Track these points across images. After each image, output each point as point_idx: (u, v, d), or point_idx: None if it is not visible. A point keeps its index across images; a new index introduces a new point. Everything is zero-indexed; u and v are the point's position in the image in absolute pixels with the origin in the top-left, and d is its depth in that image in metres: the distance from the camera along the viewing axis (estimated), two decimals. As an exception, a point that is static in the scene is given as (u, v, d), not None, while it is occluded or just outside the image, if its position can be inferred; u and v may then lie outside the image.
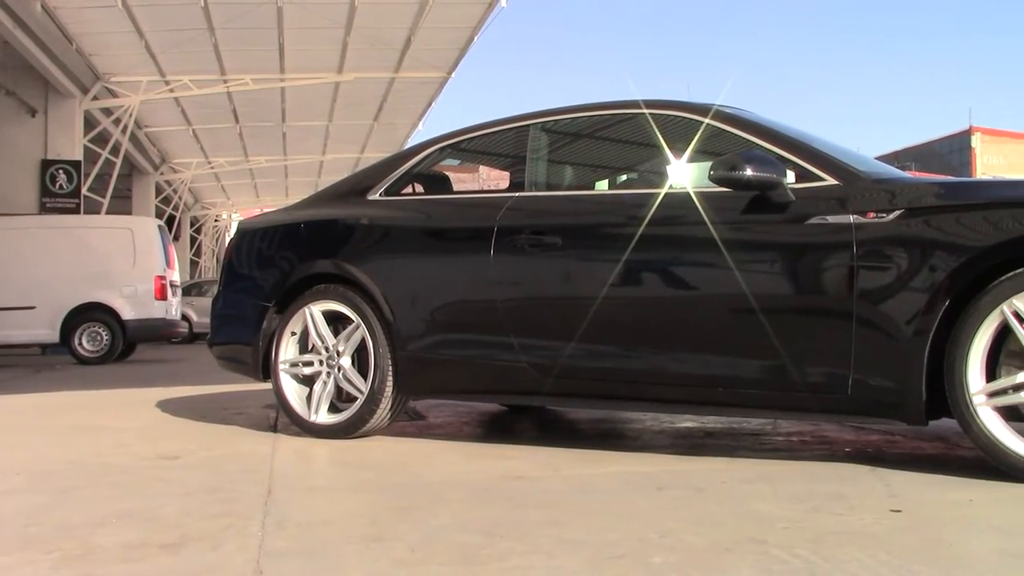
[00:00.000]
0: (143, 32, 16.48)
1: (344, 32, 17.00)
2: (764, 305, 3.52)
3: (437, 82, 20.70)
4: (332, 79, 19.59)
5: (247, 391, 6.81)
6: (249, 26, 16.32)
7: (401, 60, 18.82)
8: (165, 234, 14.34)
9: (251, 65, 18.69)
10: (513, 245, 4.07)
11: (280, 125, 24.03)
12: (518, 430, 5.00)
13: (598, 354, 3.87)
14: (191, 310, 19.90)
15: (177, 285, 14.57)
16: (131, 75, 18.75)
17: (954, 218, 3.29)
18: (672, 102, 4.12)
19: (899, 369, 3.28)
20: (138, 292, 13.37)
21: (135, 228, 13.95)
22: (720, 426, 4.76)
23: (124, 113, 20.01)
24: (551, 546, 2.40)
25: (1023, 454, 3.09)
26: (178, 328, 14.66)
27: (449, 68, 19.67)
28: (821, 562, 2.21)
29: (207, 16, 15.81)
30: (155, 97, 19.78)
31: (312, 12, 15.84)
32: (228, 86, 19.48)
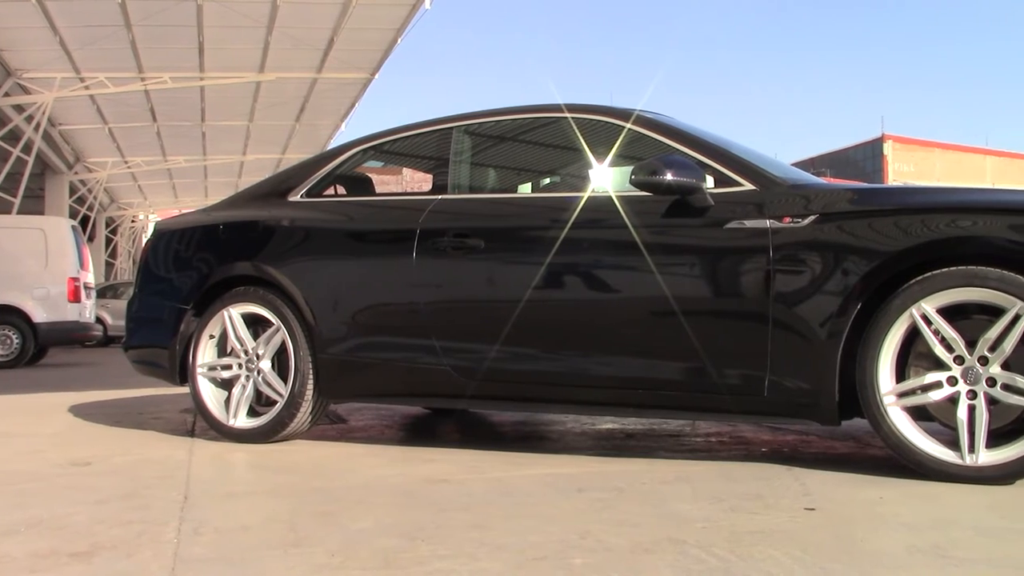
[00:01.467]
0: (57, 28, 16.05)
1: (266, 31, 16.79)
2: (683, 308, 3.57)
3: (360, 83, 20.56)
4: (253, 78, 19.32)
5: (164, 395, 6.68)
6: (168, 23, 15.99)
7: (324, 60, 18.65)
8: (79, 235, 13.97)
9: (169, 63, 18.31)
10: (436, 248, 4.06)
11: (199, 124, 23.60)
12: (441, 433, 4.99)
13: (521, 356, 3.88)
14: (106, 313, 19.41)
15: (91, 287, 14.20)
16: (45, 71, 18.23)
17: (866, 223, 3.38)
18: (594, 106, 4.16)
19: (813, 370, 3.36)
20: (50, 294, 13.00)
21: (47, 228, 13.55)
22: (640, 427, 4.81)
23: (37, 110, 19.46)
24: (473, 549, 2.40)
25: (931, 452, 3.19)
26: (92, 331, 14.27)
27: (373, 69, 19.55)
28: (738, 561, 2.25)
29: (124, 13, 15.46)
30: (70, 95, 19.27)
31: (233, 10, 15.60)
32: (146, 84, 19.07)
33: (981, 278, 3.15)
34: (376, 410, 5.73)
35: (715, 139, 3.94)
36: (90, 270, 14.14)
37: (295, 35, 16.94)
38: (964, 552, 2.31)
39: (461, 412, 5.54)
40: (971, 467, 3.13)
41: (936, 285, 3.20)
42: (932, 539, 2.43)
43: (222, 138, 25.32)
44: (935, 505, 2.87)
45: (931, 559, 2.26)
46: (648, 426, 4.85)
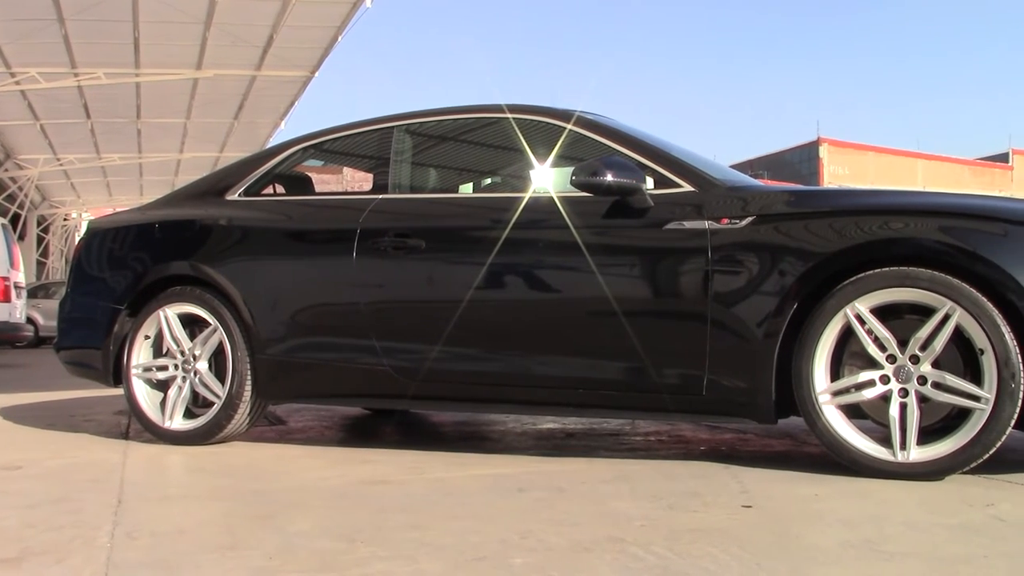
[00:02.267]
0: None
1: (203, 27, 16.53)
2: (623, 308, 3.60)
3: (300, 81, 20.34)
4: (190, 75, 19.01)
5: (97, 397, 6.54)
6: (102, 18, 15.65)
7: (263, 58, 18.41)
8: (9, 233, 13.62)
9: (104, 59, 17.92)
10: (376, 248, 4.04)
11: (135, 122, 23.16)
12: (381, 434, 4.96)
13: (462, 357, 3.88)
14: (37, 313, 18.97)
15: (22, 287, 13.85)
16: (-28, 66, 17.77)
17: (802, 225, 3.43)
18: (535, 107, 4.17)
19: (751, 370, 3.40)
20: (-21, 294, 12.66)
21: (-24, 227, 13.21)
22: (581, 427, 4.84)
23: (-36, 106, 18.95)
24: (413, 550, 2.39)
25: (864, 450, 3.26)
26: (23, 332, 13.93)
27: (312, 67, 19.36)
28: (676, 558, 2.27)
29: (57, 6, 15.10)
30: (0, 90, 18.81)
31: (169, 6, 15.33)
32: (79, 80, 18.65)
33: (912, 279, 3.22)
34: (316, 411, 5.68)
35: (655, 141, 3.98)
36: (21, 269, 13.79)
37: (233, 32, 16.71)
38: (895, 546, 2.36)
39: (402, 413, 5.52)
40: (903, 464, 3.20)
41: (869, 286, 3.27)
42: (865, 534, 2.48)
43: (158, 135, 24.88)
44: (868, 501, 2.93)
45: (863, 553, 2.30)
46: (588, 425, 4.88)
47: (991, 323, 3.11)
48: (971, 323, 3.15)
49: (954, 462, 3.16)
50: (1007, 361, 3.09)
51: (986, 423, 3.11)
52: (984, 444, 3.12)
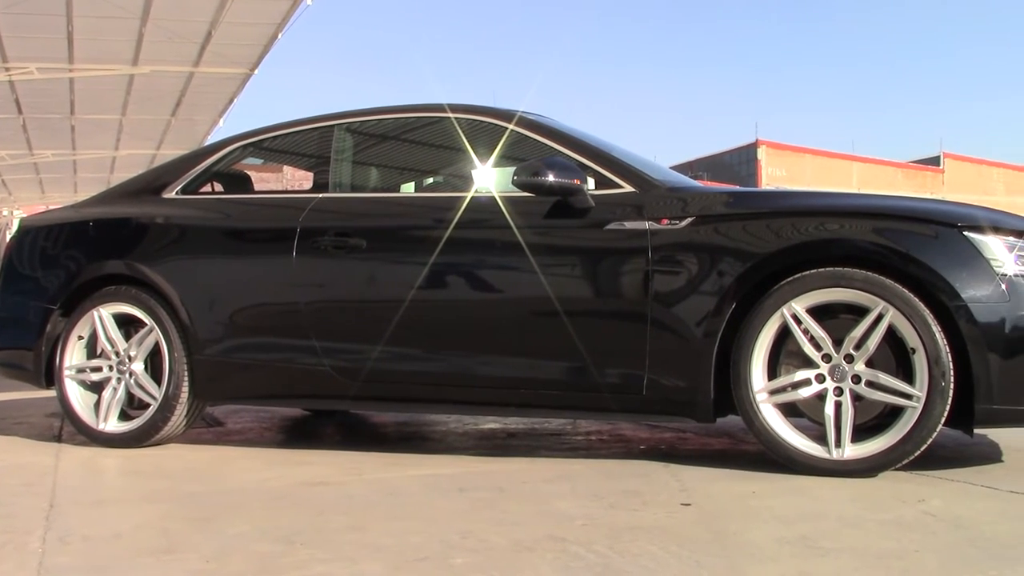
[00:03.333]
0: (-88, 13, 15.21)
1: (139, 23, 16.25)
2: (565, 308, 3.61)
3: (240, 78, 20.11)
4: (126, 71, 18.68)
5: (28, 399, 6.39)
6: (35, 11, 15.31)
7: (201, 54, 18.16)
8: (-64, 231, 13.26)
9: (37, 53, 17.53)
10: (316, 247, 4.01)
11: (68, 118, 22.69)
12: (321, 435, 4.92)
13: (403, 357, 3.86)
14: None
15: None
16: (-101, 59, 17.27)
17: (740, 226, 3.48)
18: (476, 107, 4.17)
19: (690, 369, 3.44)
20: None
21: (-99, 224, 12.83)
22: (522, 427, 4.84)
23: None
24: (353, 551, 2.38)
25: (800, 448, 3.31)
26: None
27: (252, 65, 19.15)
28: (616, 556, 2.28)
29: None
30: (-73, 83, 18.30)
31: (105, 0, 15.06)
32: (11, 74, 18.22)
33: (847, 279, 3.28)
34: (255, 412, 5.61)
35: (596, 141, 4.00)
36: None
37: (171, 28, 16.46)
38: (830, 542, 2.41)
39: (342, 413, 5.47)
40: (837, 461, 3.26)
41: (806, 286, 3.32)
42: (800, 530, 2.52)
43: (93, 132, 24.41)
44: (804, 498, 2.97)
45: (799, 550, 2.34)
46: (530, 425, 4.89)
47: (922, 323, 3.18)
48: (903, 323, 3.21)
49: (887, 459, 3.23)
50: (938, 360, 3.16)
51: (918, 421, 3.18)
52: (916, 441, 3.19)
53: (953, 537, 2.47)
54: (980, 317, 3.15)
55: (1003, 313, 3.16)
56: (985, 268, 3.20)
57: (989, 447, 3.96)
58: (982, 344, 3.15)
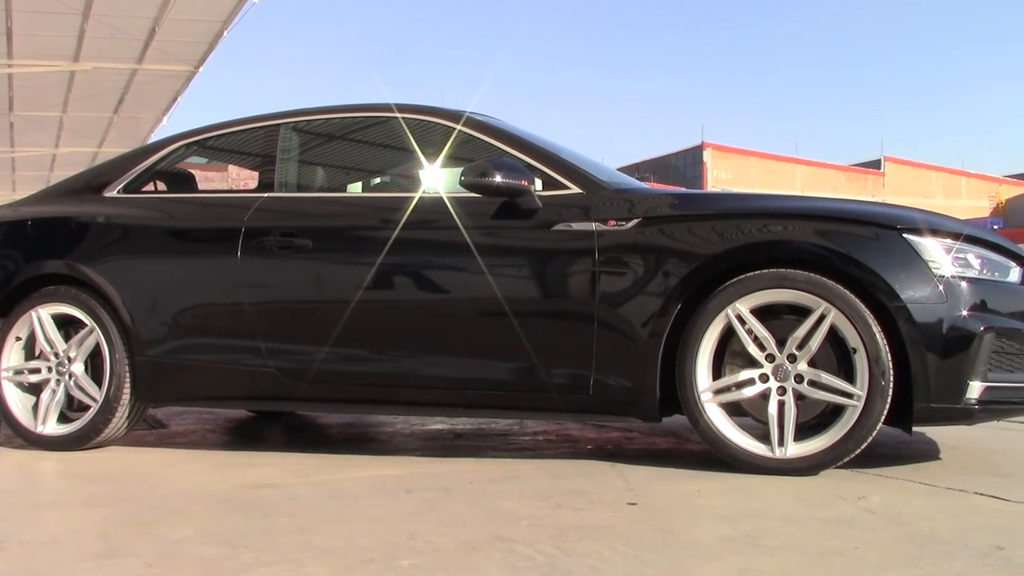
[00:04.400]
0: None
1: (81, 18, 15.97)
2: (512, 308, 3.61)
3: (184, 76, 19.85)
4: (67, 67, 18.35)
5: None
6: (-29, 6, 15.00)
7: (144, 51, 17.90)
8: None
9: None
10: (261, 247, 3.97)
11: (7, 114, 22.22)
12: (266, 437, 4.87)
13: (349, 358, 3.84)
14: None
15: None
16: None
17: (686, 227, 3.51)
18: (424, 107, 4.16)
19: (636, 369, 3.46)
20: None
21: None
22: (470, 427, 4.84)
23: None
24: (298, 554, 2.36)
25: (744, 446, 3.35)
26: None
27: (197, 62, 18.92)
28: (563, 556, 2.29)
29: (-79, -8, 14.41)
30: None
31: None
32: (-54, 70, 17.82)
33: (791, 280, 3.33)
34: (198, 414, 5.54)
35: (543, 143, 4.01)
36: None
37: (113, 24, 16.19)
38: (773, 540, 2.44)
39: (288, 415, 5.43)
40: (781, 459, 3.30)
41: (750, 287, 3.36)
42: (744, 528, 2.55)
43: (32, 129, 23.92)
44: (748, 496, 3.01)
45: (743, 547, 2.37)
46: (477, 426, 4.89)
47: (863, 323, 3.24)
48: (845, 323, 3.27)
49: (828, 457, 3.28)
50: (878, 359, 3.22)
51: (858, 419, 3.24)
52: (856, 439, 3.25)
53: (892, 533, 2.51)
54: (918, 317, 3.22)
55: (940, 314, 3.23)
56: (923, 270, 3.27)
57: (927, 445, 4.05)
58: (920, 344, 3.21)
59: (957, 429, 4.15)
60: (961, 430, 4.21)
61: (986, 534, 2.49)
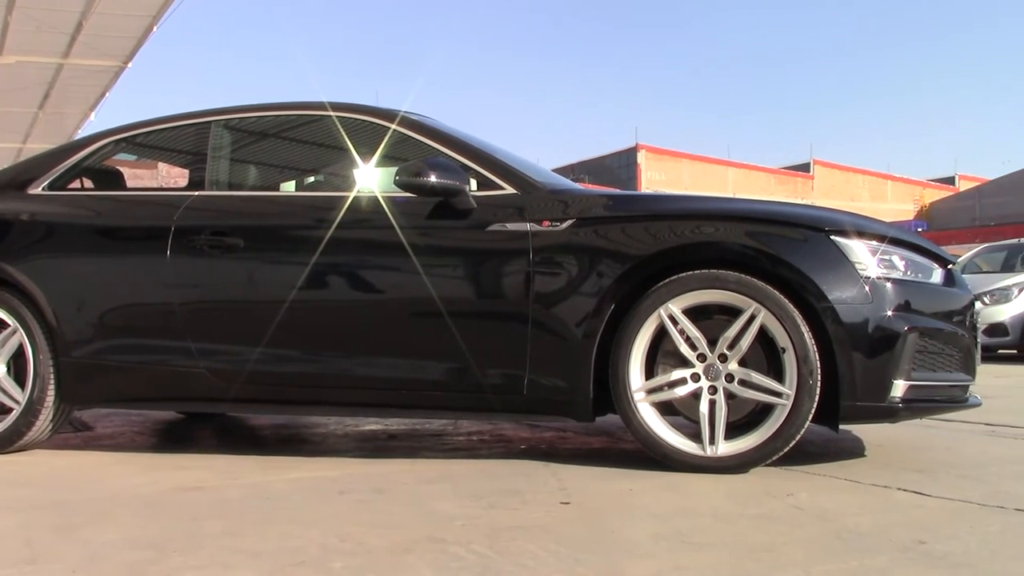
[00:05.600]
0: None
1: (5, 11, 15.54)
2: (447, 309, 3.61)
3: (112, 71, 19.42)
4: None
5: None
6: None
7: (71, 45, 17.48)
8: None
9: None
10: (192, 246, 3.91)
11: (-73, 109, 21.56)
12: (196, 439, 4.79)
13: (282, 358, 3.80)
14: None
15: None
16: None
17: (620, 228, 3.54)
18: (358, 106, 4.13)
19: (570, 369, 3.48)
20: None
21: None
22: (403, 428, 4.82)
23: None
24: (227, 558, 2.32)
25: (676, 445, 3.39)
26: None
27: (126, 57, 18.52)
28: (496, 556, 2.29)
29: None
30: None
31: (-34, -14, 14.37)
32: None
33: (722, 281, 3.38)
34: (126, 416, 5.43)
35: (478, 143, 4.01)
36: None
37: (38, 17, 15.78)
38: (703, 537, 2.47)
39: (218, 416, 5.35)
40: (711, 458, 3.35)
41: (682, 287, 3.41)
42: (676, 526, 2.58)
43: (-47, 124, 23.25)
44: (679, 494, 3.05)
45: (674, 544, 2.40)
46: (411, 426, 4.87)
47: (792, 323, 3.30)
48: (774, 323, 3.33)
49: (758, 455, 3.33)
50: (806, 359, 3.28)
51: (787, 418, 3.30)
52: (785, 437, 3.31)
53: (818, 529, 2.56)
54: (845, 318, 3.28)
55: (866, 314, 3.30)
56: (850, 271, 3.34)
57: (853, 442, 4.14)
58: (847, 344, 3.28)
59: (881, 427, 4.25)
60: (885, 428, 4.31)
61: (908, 529, 2.55)
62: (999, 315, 11.85)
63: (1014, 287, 12.14)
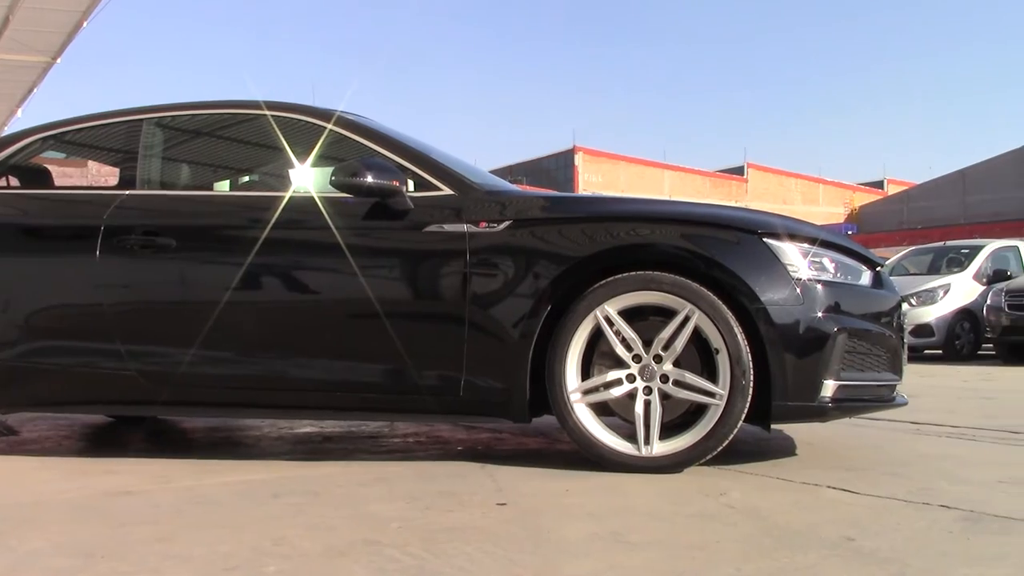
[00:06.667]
0: None
1: (-73, 4, 15.12)
2: (384, 310, 3.59)
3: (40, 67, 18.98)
4: (-89, 55, 17.33)
5: None
6: None
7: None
8: None
9: None
10: (123, 246, 3.83)
11: None
12: (126, 442, 4.70)
13: (215, 360, 3.75)
14: None
15: None
16: None
17: (556, 230, 3.56)
18: (294, 105, 4.09)
19: (506, 370, 3.49)
20: None
21: None
22: (339, 430, 4.78)
23: None
24: (158, 563, 2.28)
25: (611, 446, 3.42)
26: None
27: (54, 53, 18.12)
28: (432, 558, 2.28)
29: None
30: None
31: None
32: None
33: (657, 282, 3.41)
34: (53, 420, 5.30)
35: (415, 143, 3.99)
36: None
37: (-38, 10, 15.38)
38: (639, 536, 2.49)
39: (150, 420, 5.25)
40: (647, 458, 3.38)
41: (618, 289, 3.43)
42: (611, 526, 2.60)
43: None
44: (615, 494, 3.07)
45: (609, 544, 2.41)
46: (347, 428, 4.83)
47: (726, 324, 3.34)
48: (708, 324, 3.37)
49: (692, 455, 3.37)
50: (739, 360, 3.33)
51: (720, 417, 3.34)
52: (719, 437, 3.35)
53: (751, 527, 2.60)
54: (777, 319, 3.34)
55: (797, 315, 3.36)
56: (782, 273, 3.40)
57: (784, 441, 4.21)
58: (778, 344, 3.34)
59: (812, 426, 4.33)
60: (816, 427, 4.39)
61: (837, 526, 2.60)
62: (925, 316, 12.18)
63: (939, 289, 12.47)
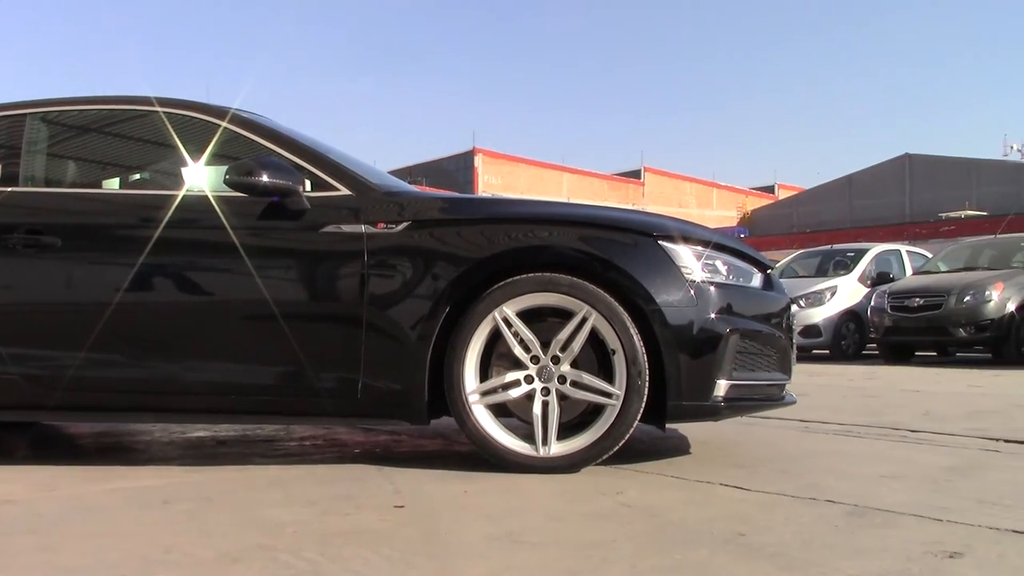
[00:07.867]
0: None
1: None
2: (280, 311, 3.54)
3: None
4: None
5: None
6: None
7: None
8: None
9: None
10: (4, 245, 3.69)
11: None
12: (9, 449, 4.52)
13: (104, 363, 3.64)
14: None
15: None
16: None
17: (455, 231, 3.56)
18: (187, 102, 4.00)
19: (404, 372, 3.47)
20: None
21: None
22: (233, 434, 4.69)
23: None
24: (41, 573, 2.20)
25: (510, 446, 3.44)
26: None
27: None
28: (327, 562, 2.26)
29: None
30: None
31: None
32: None
33: (555, 284, 3.44)
34: (-71, 427, 5.07)
35: (313, 143, 3.94)
36: None
37: None
38: (536, 536, 2.51)
39: (33, 425, 5.06)
40: (544, 458, 3.41)
41: (516, 290, 3.45)
42: (508, 527, 2.61)
43: None
44: (512, 495, 3.08)
45: (506, 545, 2.42)
46: (242, 432, 4.75)
47: (622, 326, 3.39)
48: (605, 325, 3.41)
49: (589, 454, 3.41)
50: (635, 360, 3.38)
51: (617, 417, 3.39)
52: (615, 436, 3.40)
53: (646, 525, 2.64)
54: (671, 320, 3.40)
55: (691, 316, 3.43)
56: (676, 275, 3.46)
57: (679, 440, 4.29)
58: (673, 345, 3.40)
59: (705, 425, 4.43)
60: (709, 426, 4.49)
61: (729, 522, 2.67)
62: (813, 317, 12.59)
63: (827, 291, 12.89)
